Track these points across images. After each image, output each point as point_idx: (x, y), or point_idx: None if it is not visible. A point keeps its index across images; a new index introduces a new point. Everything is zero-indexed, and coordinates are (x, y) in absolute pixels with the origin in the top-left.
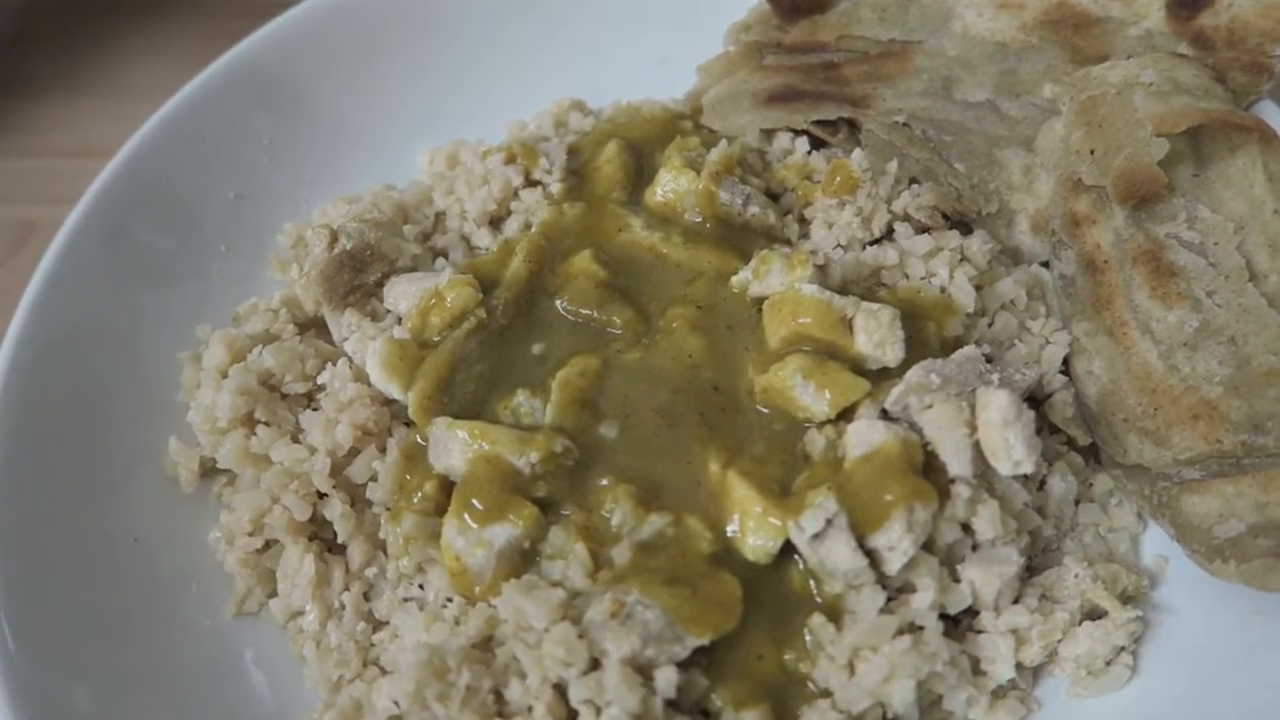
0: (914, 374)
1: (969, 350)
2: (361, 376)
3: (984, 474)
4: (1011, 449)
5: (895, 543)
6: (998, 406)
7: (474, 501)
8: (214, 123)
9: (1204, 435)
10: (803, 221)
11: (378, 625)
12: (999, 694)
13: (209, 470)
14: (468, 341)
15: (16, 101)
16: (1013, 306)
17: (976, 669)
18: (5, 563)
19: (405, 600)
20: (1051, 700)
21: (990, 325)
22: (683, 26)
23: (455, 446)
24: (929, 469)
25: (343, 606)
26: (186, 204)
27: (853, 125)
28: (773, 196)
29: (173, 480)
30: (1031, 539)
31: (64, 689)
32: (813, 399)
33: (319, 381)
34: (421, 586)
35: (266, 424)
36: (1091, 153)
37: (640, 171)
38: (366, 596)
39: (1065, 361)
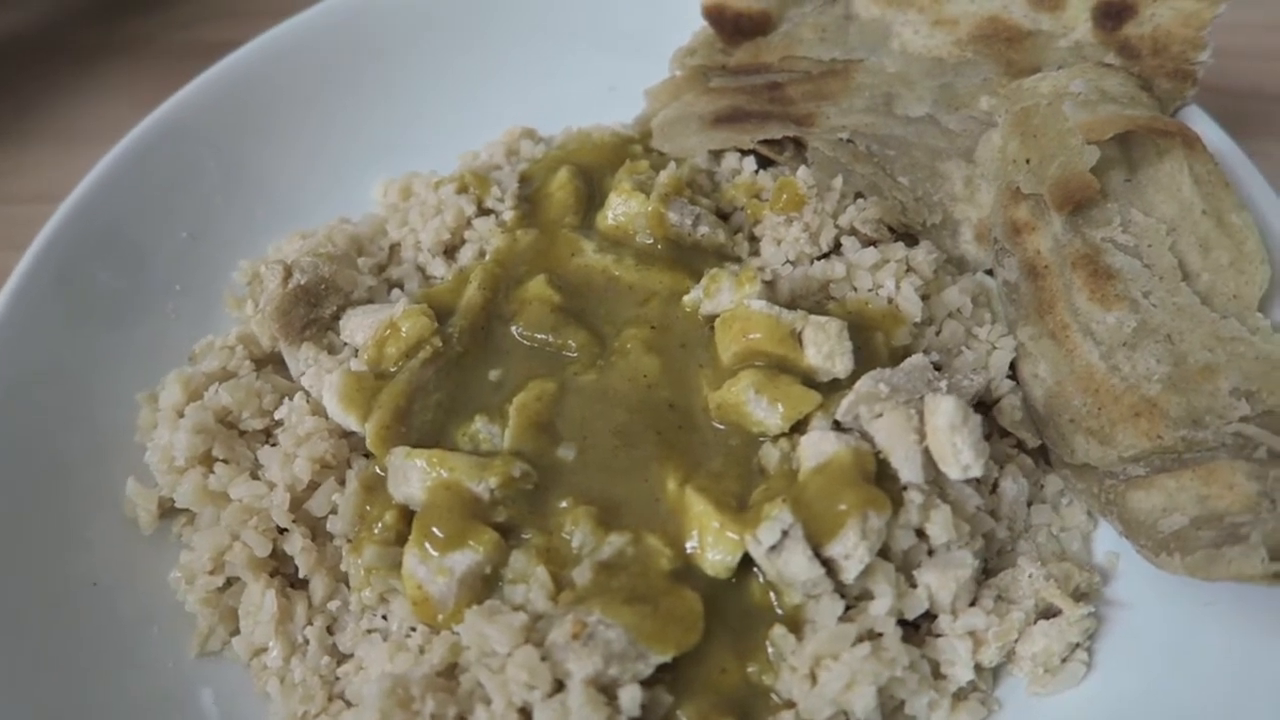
0: (863, 384)
1: (917, 359)
2: (319, 410)
3: (936, 480)
4: (960, 453)
5: (851, 551)
6: (944, 412)
7: (434, 529)
8: (164, 164)
9: (1146, 432)
10: (753, 239)
11: (342, 658)
12: (960, 696)
13: (168, 510)
14: (424, 370)
15: None
16: (959, 314)
17: (937, 672)
18: None
19: (369, 631)
20: (1011, 699)
21: (938, 333)
22: (630, 53)
23: (414, 475)
24: (881, 477)
25: (306, 641)
26: (139, 246)
27: (798, 144)
28: (723, 216)
29: (132, 522)
30: (986, 541)
31: None
32: (766, 413)
33: (277, 417)
34: (385, 617)
35: (225, 461)
36: (1028, 162)
37: (592, 196)
38: (330, 630)
39: (1012, 366)
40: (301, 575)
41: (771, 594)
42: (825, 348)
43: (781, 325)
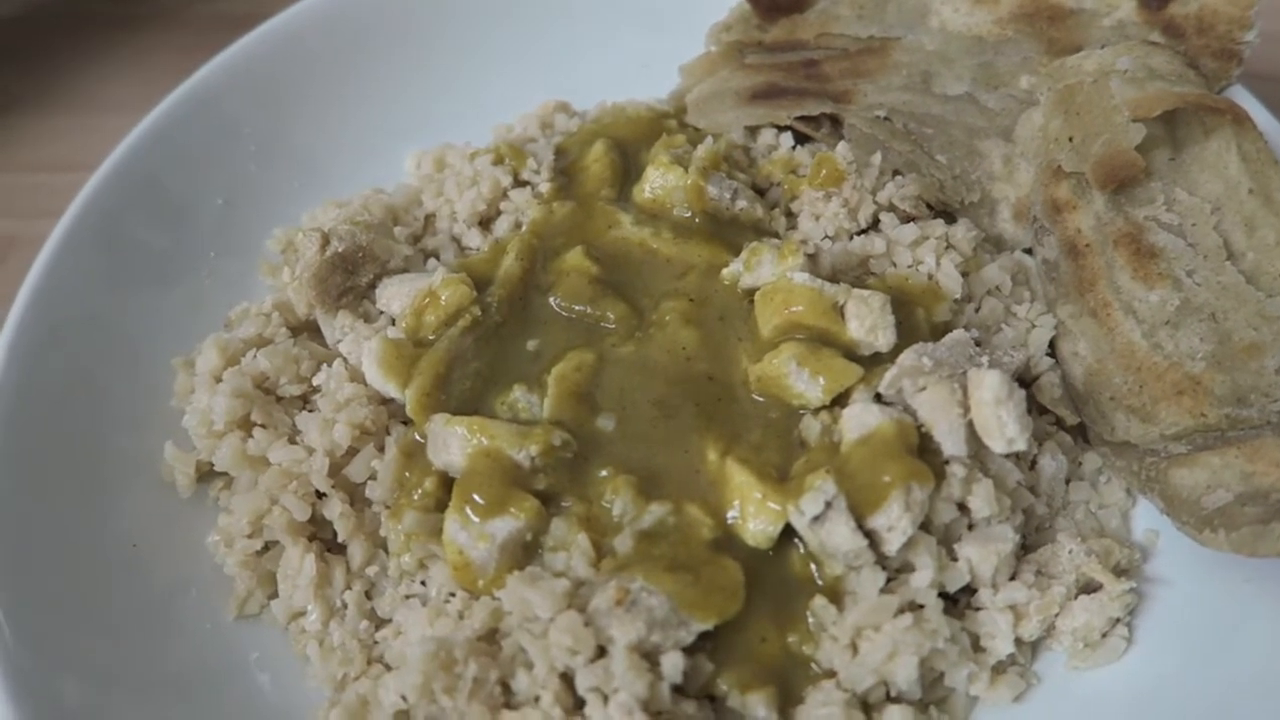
0: (907, 357)
1: (959, 334)
2: (357, 376)
3: (977, 454)
4: (1005, 427)
5: (894, 523)
6: (990, 386)
7: (475, 496)
8: (202, 129)
9: (1189, 410)
10: (789, 215)
11: (380, 623)
12: (999, 669)
13: (205, 474)
14: (463, 339)
15: None
16: (998, 292)
17: (976, 645)
18: (4, 574)
19: (408, 597)
20: (1050, 674)
21: (977, 311)
22: (664, 28)
23: (454, 442)
24: (924, 450)
25: (345, 605)
26: (175, 211)
27: (835, 120)
28: (759, 191)
29: (169, 485)
30: (1025, 517)
31: (68, 698)
32: (807, 385)
33: (314, 383)
34: (424, 583)
35: (263, 426)
36: (1070, 140)
37: (627, 170)
38: (368, 595)
39: (1051, 344)
40: (340, 540)
41: (812, 565)
42: (868, 321)
43: (824, 298)
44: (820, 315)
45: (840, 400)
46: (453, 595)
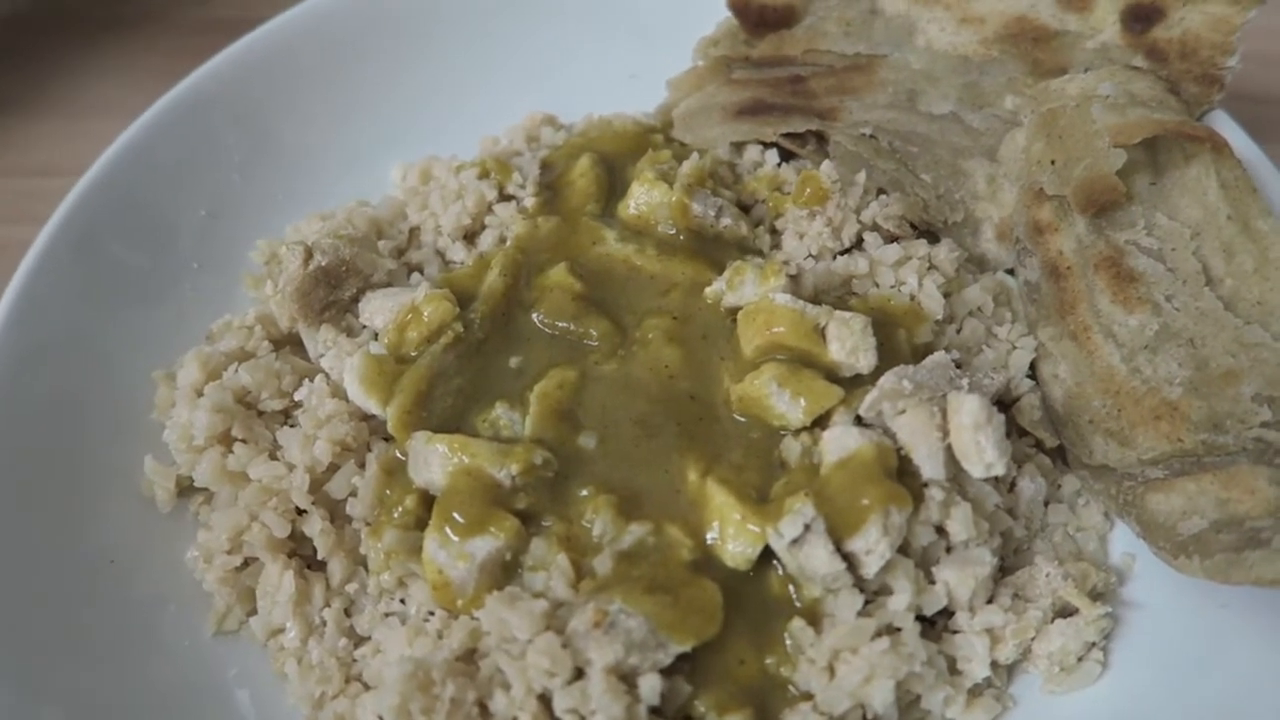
0: (887, 380)
1: (939, 356)
2: (339, 392)
3: (956, 477)
4: (983, 451)
5: (872, 546)
6: (969, 410)
7: (455, 514)
8: (185, 140)
9: (1166, 435)
10: (774, 232)
11: (359, 641)
12: (975, 692)
13: (185, 489)
14: (445, 355)
15: None
16: (980, 313)
17: (953, 668)
18: None
19: (387, 615)
20: (1026, 697)
21: (959, 332)
22: (652, 41)
23: (435, 460)
24: (903, 473)
25: (324, 623)
26: (158, 222)
27: (821, 138)
28: (744, 208)
29: (149, 500)
30: (1003, 540)
31: (44, 714)
32: (788, 407)
33: (296, 398)
34: (403, 601)
35: (244, 441)
36: (1052, 163)
37: (613, 185)
38: (347, 612)
39: (1032, 366)
40: (320, 557)
41: (790, 587)
42: (849, 343)
43: (806, 320)
44: (802, 337)
45: (821, 422)
46: (431, 614)
